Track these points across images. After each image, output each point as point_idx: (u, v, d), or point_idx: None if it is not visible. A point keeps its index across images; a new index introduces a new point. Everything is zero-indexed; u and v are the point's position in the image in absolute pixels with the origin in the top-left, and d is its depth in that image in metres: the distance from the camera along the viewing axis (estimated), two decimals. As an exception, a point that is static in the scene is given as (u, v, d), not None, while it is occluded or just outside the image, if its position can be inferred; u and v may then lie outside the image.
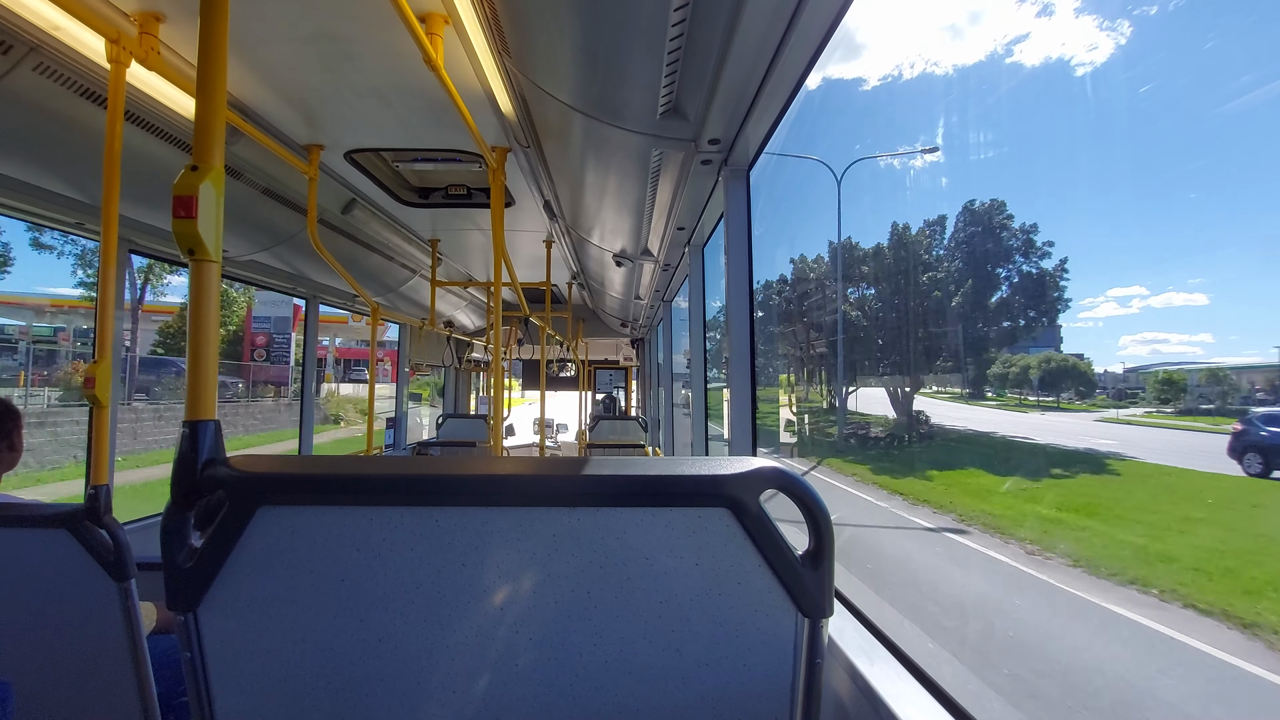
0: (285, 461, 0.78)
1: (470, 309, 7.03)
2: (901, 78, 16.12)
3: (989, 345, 7.51)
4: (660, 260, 3.85)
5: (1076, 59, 10.91)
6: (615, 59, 1.71)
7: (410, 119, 2.50)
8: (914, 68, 16.78)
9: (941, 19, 19.69)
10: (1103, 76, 9.88)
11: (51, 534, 1.28)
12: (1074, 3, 13.30)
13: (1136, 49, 9.82)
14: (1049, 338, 6.89)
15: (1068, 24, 13.07)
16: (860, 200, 9.72)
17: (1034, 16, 13.65)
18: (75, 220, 2.49)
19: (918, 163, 10.82)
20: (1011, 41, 14.31)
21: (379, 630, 0.75)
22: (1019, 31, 14.37)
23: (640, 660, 0.75)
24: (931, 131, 13.20)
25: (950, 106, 13.30)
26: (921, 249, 8.18)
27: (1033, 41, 12.77)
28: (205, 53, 0.91)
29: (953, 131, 10.57)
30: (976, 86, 13.72)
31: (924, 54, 17.40)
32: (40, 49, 1.79)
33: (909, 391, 8.57)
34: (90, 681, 1.36)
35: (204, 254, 0.85)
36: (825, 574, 0.72)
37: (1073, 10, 13.63)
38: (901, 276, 8.42)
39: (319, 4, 1.74)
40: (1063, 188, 9.45)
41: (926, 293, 8.23)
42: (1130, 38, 10.24)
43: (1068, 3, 13.39)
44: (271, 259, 3.55)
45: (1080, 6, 13.22)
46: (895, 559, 5.66)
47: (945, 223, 7.96)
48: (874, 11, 15.80)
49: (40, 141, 2.05)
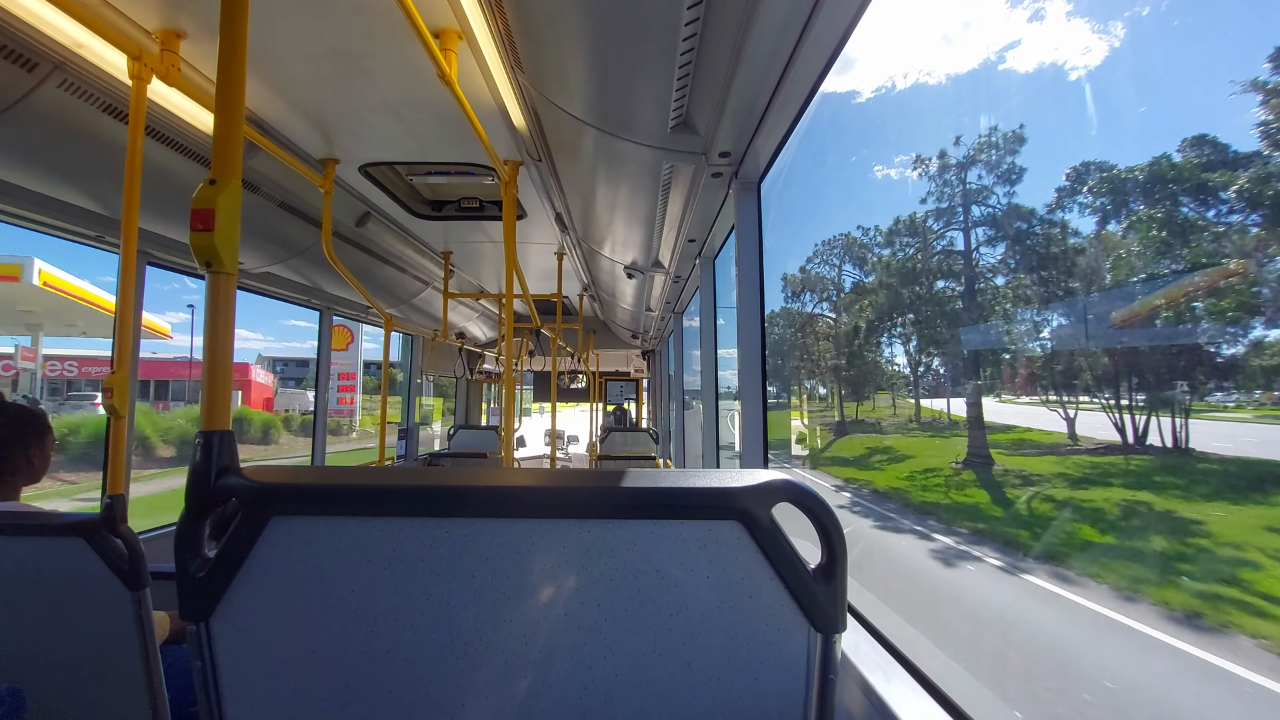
0: (298, 472, 0.78)
1: (482, 320, 7.06)
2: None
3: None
4: (671, 272, 3.86)
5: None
6: (626, 73, 1.72)
7: (424, 133, 2.53)
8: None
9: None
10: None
11: (68, 542, 1.29)
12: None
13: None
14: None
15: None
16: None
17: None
18: (96, 233, 2.53)
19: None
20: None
21: (389, 641, 0.74)
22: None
23: (650, 674, 0.74)
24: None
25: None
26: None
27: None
28: (224, 69, 0.93)
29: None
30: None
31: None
32: (64, 66, 1.83)
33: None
34: (103, 690, 1.36)
35: (220, 266, 0.86)
36: (838, 588, 0.71)
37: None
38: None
39: (335, 21, 1.77)
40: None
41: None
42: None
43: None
44: (286, 271, 3.59)
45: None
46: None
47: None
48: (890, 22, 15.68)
49: (63, 156, 2.09)
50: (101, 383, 1.76)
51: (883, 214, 35.50)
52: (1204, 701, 3.91)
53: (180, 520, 0.74)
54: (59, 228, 2.44)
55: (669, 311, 5.45)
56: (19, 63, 1.75)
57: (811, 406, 16.52)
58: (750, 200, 2.20)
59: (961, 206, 9.64)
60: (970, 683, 3.78)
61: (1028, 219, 9.74)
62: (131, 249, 1.77)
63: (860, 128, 16.45)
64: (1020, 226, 9.82)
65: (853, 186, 30.97)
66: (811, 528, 0.72)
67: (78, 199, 2.33)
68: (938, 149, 12.28)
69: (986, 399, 9.60)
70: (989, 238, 10.10)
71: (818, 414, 15.90)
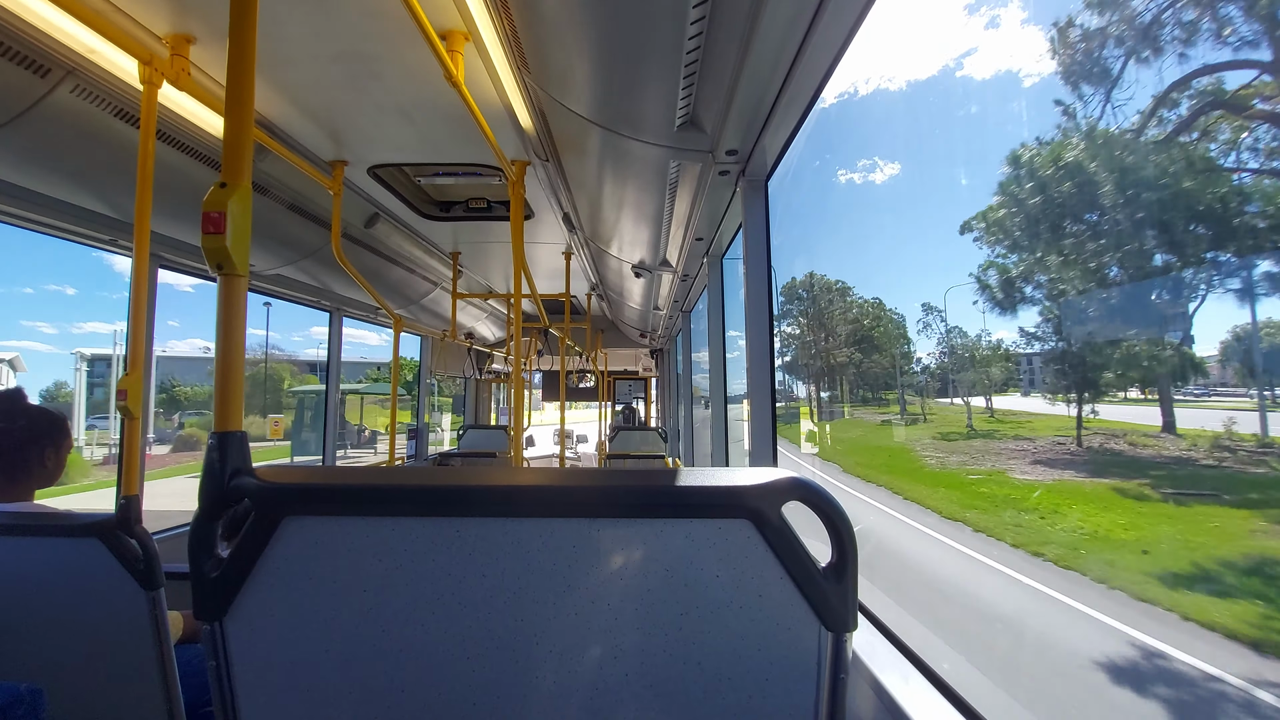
0: (310, 473, 0.79)
1: (490, 320, 7.08)
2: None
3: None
4: (679, 271, 3.86)
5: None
6: (632, 73, 1.72)
7: (432, 134, 2.54)
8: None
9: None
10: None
11: (83, 543, 1.31)
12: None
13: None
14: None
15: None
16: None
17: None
18: (109, 237, 2.56)
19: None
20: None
21: (400, 640, 0.75)
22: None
23: (660, 673, 0.74)
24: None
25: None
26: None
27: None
28: (234, 73, 0.93)
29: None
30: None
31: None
32: (76, 71, 1.85)
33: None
34: (119, 689, 1.38)
35: (232, 269, 0.86)
36: (849, 587, 0.71)
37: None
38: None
39: (343, 25, 1.78)
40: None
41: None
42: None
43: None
44: (297, 273, 3.62)
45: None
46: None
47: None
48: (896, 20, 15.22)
49: (76, 161, 2.12)
50: (117, 384, 1.78)
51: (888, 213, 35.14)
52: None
53: (194, 520, 0.75)
54: (73, 232, 2.47)
55: (677, 310, 5.45)
56: (32, 69, 1.77)
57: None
58: (758, 198, 2.19)
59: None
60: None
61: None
62: (144, 252, 1.79)
63: (873, 124, 16.29)
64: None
65: (864, 182, 30.66)
66: (822, 526, 0.72)
67: (91, 203, 2.36)
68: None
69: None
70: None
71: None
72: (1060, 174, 7.18)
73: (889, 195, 34.65)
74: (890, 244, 34.06)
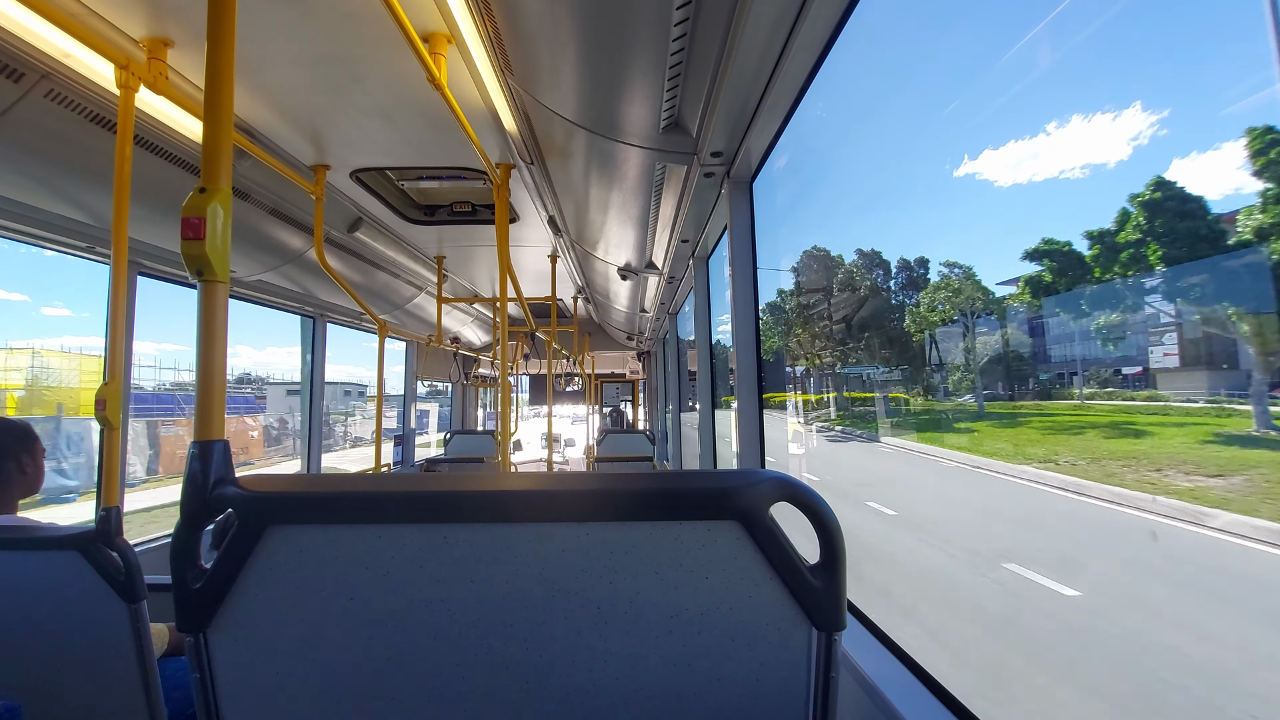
0: (294, 481, 0.78)
1: (477, 325, 7.05)
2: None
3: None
4: (665, 273, 3.86)
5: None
6: (616, 75, 1.72)
7: (415, 138, 2.53)
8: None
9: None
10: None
11: (63, 556, 1.29)
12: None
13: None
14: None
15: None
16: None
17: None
18: (86, 245, 2.52)
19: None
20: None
21: (388, 649, 0.74)
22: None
23: (652, 676, 0.74)
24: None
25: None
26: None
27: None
28: (212, 77, 0.92)
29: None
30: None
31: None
32: (51, 76, 1.82)
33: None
34: (101, 704, 1.35)
35: (212, 275, 0.85)
36: (838, 586, 0.71)
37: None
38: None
39: (324, 27, 1.76)
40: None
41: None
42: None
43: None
44: (279, 278, 3.58)
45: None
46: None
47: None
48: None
49: (51, 167, 2.08)
50: (95, 394, 1.75)
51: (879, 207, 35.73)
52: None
53: (176, 531, 0.73)
54: (48, 240, 2.43)
55: (664, 313, 5.45)
56: (5, 73, 1.74)
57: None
58: (743, 200, 2.20)
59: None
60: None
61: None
62: (122, 260, 1.76)
63: (859, 123, 16.39)
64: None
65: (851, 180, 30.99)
66: (810, 526, 0.72)
67: (67, 210, 2.32)
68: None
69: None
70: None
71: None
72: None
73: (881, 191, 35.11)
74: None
